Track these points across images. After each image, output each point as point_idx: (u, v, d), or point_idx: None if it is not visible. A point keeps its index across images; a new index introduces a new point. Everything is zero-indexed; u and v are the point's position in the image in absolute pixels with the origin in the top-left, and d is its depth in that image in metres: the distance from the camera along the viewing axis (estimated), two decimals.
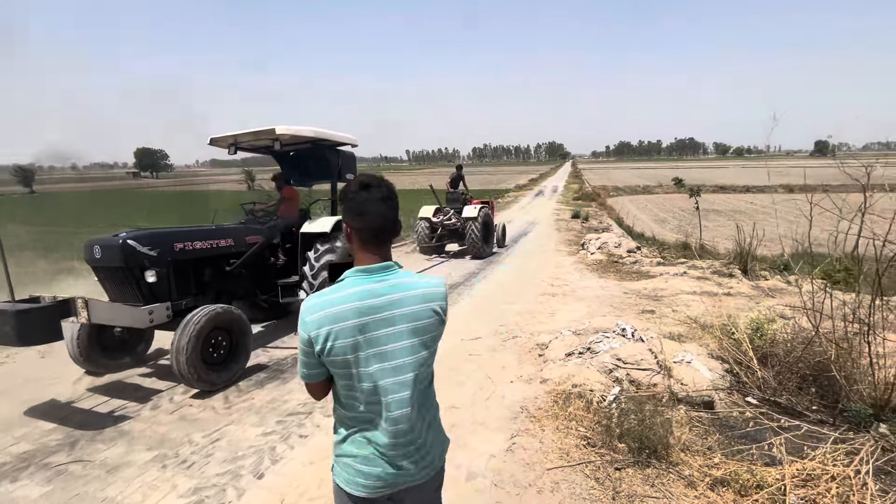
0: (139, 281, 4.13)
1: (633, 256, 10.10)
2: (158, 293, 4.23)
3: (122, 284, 4.21)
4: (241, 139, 5.65)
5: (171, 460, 2.86)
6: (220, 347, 4.11)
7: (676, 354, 3.55)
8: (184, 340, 3.73)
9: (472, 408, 3.43)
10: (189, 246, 4.56)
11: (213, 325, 3.98)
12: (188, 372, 3.71)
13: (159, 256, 4.23)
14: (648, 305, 6.12)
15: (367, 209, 1.19)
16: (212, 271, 4.94)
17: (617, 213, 27.62)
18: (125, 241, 4.05)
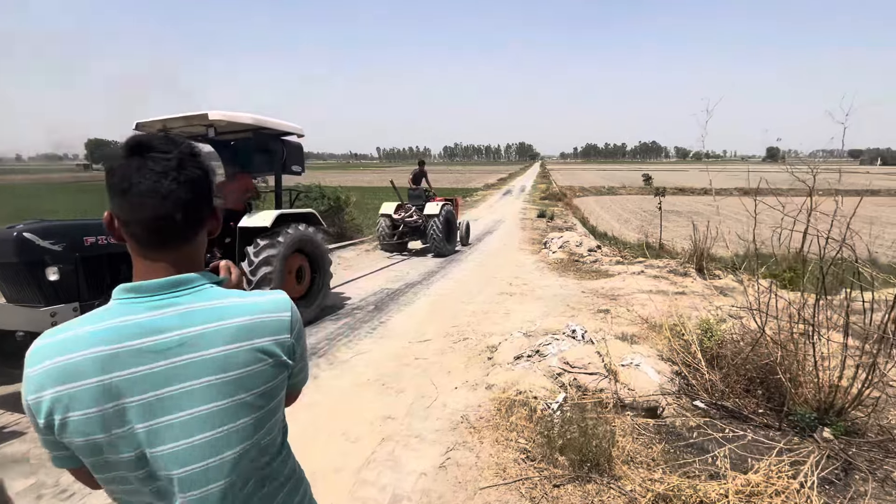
0: (39, 279, 3.66)
1: (593, 255, 10.10)
2: (64, 293, 3.76)
3: (20, 283, 3.73)
4: (170, 125, 5.17)
5: (48, 490, 2.45)
6: None
7: (625, 357, 3.40)
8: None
9: (408, 418, 3.16)
10: (102, 240, 4.10)
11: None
12: None
13: (65, 252, 3.77)
14: (605, 305, 6.02)
15: (136, 187, 0.74)
16: (130, 268, 4.46)
17: (582, 213, 28.06)
18: (21, 233, 3.57)
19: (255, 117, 5.31)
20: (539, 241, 12.47)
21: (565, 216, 22.30)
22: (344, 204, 12.83)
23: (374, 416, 3.19)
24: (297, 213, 5.86)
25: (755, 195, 3.00)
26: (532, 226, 16.90)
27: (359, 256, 10.75)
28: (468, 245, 12.20)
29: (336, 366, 4.16)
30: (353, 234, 13.34)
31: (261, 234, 5.16)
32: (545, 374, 3.34)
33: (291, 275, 5.47)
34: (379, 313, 5.90)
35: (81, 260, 3.92)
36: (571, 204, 30.71)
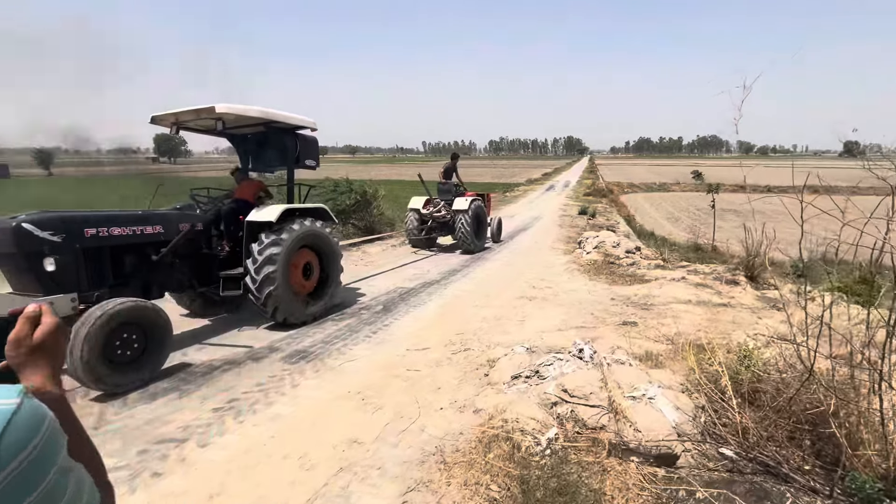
0: (38, 269, 3.65)
1: (630, 258, 9.31)
2: (63, 283, 3.76)
3: (20, 272, 3.76)
4: (182, 118, 5.11)
5: None
6: (130, 345, 3.62)
7: (638, 387, 2.85)
8: (78, 343, 3.27)
9: (376, 444, 2.80)
10: (104, 232, 4.07)
11: (117, 323, 3.52)
12: (83, 373, 3.28)
13: (64, 242, 3.76)
14: (633, 315, 5.38)
15: None
16: (135, 260, 4.44)
17: (628, 211, 26.58)
18: (20, 224, 3.58)
19: (262, 110, 5.14)
20: (575, 240, 11.74)
21: (608, 213, 21.13)
22: (372, 198, 12.65)
23: (341, 437, 2.86)
24: (306, 208, 5.66)
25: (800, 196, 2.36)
26: (571, 223, 16.06)
27: (384, 252, 10.54)
28: (499, 242, 11.69)
29: (321, 374, 3.87)
30: (384, 228, 13.18)
31: (265, 230, 4.99)
32: (539, 402, 2.87)
33: (298, 270, 5.28)
34: (385, 315, 5.59)
35: (81, 251, 3.88)
36: (617, 201, 29.22)
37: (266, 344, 4.62)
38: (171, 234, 4.56)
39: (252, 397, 3.44)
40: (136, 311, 3.67)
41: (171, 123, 5.27)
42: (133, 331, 3.67)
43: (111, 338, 3.49)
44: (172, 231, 4.57)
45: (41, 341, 0.72)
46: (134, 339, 3.67)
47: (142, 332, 3.73)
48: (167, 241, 4.52)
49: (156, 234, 4.47)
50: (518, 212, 19.85)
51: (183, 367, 4.02)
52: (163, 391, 3.55)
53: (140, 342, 3.72)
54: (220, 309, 5.72)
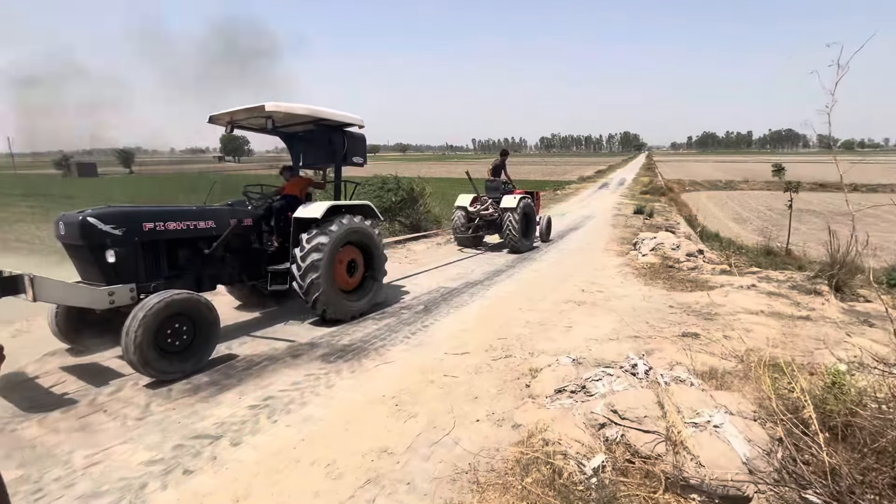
0: (100, 261, 3.88)
1: (692, 261, 8.61)
2: (123, 274, 3.96)
3: (86, 263, 4.02)
4: (236, 117, 5.27)
5: (25, 486, 2.39)
6: (180, 335, 3.75)
7: (702, 412, 2.50)
8: (134, 325, 3.43)
9: (407, 455, 2.65)
10: (160, 226, 4.25)
11: (171, 312, 3.66)
12: (136, 359, 3.44)
13: (124, 236, 3.96)
14: (694, 326, 4.90)
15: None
16: (189, 254, 4.61)
17: (689, 210, 24.97)
18: (85, 218, 3.82)
19: (310, 108, 5.17)
20: (630, 241, 11.08)
21: (667, 213, 19.91)
22: (419, 195, 12.62)
23: (371, 445, 2.73)
24: (352, 205, 5.65)
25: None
26: (625, 223, 15.24)
27: (429, 250, 10.46)
28: (548, 242, 11.27)
29: (357, 375, 3.79)
30: (430, 226, 13.13)
31: (311, 226, 5.03)
32: (585, 422, 2.59)
33: (342, 267, 5.29)
34: (425, 316, 5.46)
35: (140, 244, 4.07)
36: (678, 199, 27.53)
37: (307, 340, 4.64)
38: (223, 228, 4.69)
39: (288, 396, 3.41)
40: (189, 303, 3.79)
41: (227, 122, 5.44)
42: (184, 322, 3.79)
43: (164, 325, 3.62)
44: (224, 226, 4.71)
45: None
46: (184, 331, 3.79)
47: (192, 325, 3.85)
48: (218, 235, 4.65)
49: (208, 228, 4.61)
50: (569, 210, 19.16)
51: (226, 360, 4.10)
52: (205, 385, 3.61)
53: (189, 334, 3.83)
54: (271, 302, 5.84)
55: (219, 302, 5.93)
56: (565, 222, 15.20)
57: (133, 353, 3.42)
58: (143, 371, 3.52)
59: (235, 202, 5.54)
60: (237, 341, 4.59)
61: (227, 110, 5.18)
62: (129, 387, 3.56)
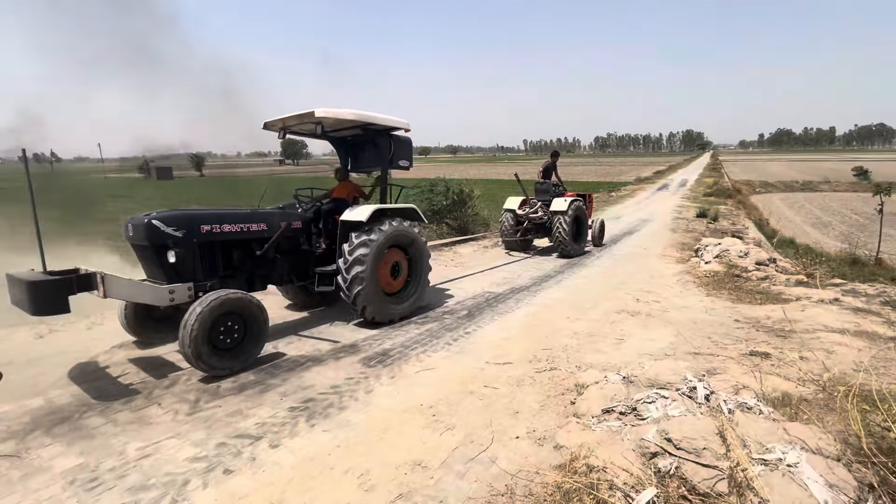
0: (163, 260, 4.12)
1: (762, 270, 7.88)
2: (182, 273, 4.20)
3: (151, 262, 4.28)
4: (288, 122, 5.44)
5: (83, 474, 2.54)
6: (232, 333, 3.90)
7: (773, 447, 2.21)
8: (191, 320, 3.63)
9: (441, 470, 2.55)
10: (217, 228, 4.47)
11: (225, 310, 3.83)
12: (190, 352, 3.63)
13: (184, 237, 4.19)
14: (765, 344, 4.43)
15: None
16: (242, 255, 4.81)
17: (760, 214, 23.05)
18: (150, 220, 4.08)
19: (357, 113, 5.24)
20: (691, 247, 10.36)
21: (734, 217, 18.50)
22: (467, 197, 12.54)
23: (405, 457, 2.67)
24: (397, 209, 5.68)
25: None
26: (686, 227, 14.31)
27: (475, 253, 10.35)
28: (601, 246, 10.80)
29: (396, 381, 3.75)
30: (478, 228, 13.01)
31: (357, 229, 5.09)
32: (634, 449, 2.37)
33: (386, 270, 5.32)
34: (468, 321, 5.35)
35: (197, 245, 4.28)
36: (747, 202, 25.53)
37: (350, 342, 4.68)
38: (274, 231, 4.86)
39: (327, 399, 3.43)
40: (242, 303, 3.94)
41: (280, 128, 5.63)
42: (236, 321, 3.94)
43: (218, 322, 3.78)
44: (275, 228, 4.88)
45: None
46: (236, 329, 3.94)
47: (243, 324, 3.99)
48: (270, 237, 4.82)
49: (260, 230, 4.79)
50: (624, 213, 18.31)
51: (272, 359, 4.21)
52: (250, 383, 3.72)
53: (240, 332, 3.97)
54: (319, 302, 5.99)
55: (270, 301, 6.17)
56: (620, 226, 14.53)
57: (188, 345, 3.60)
58: (195, 364, 3.68)
59: (286, 205, 5.72)
60: (284, 340, 4.71)
61: (279, 117, 5.36)
62: (182, 381, 3.74)
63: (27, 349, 4.45)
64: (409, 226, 5.53)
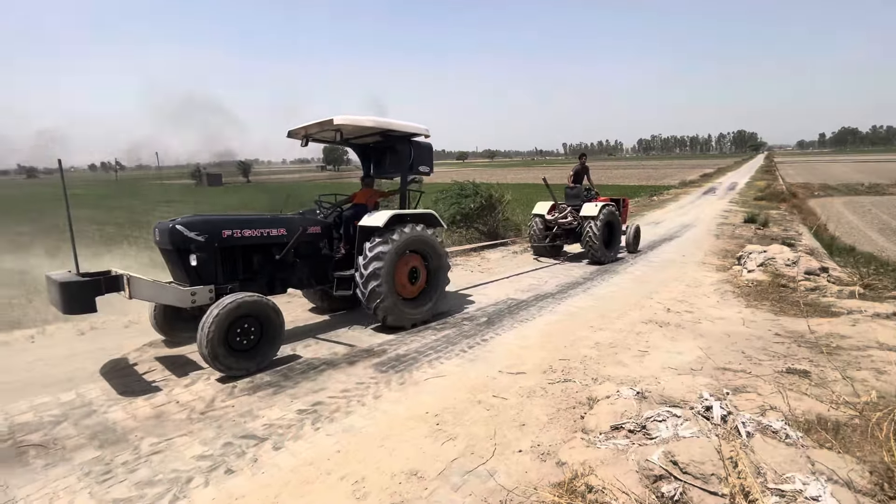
0: (186, 264, 4.30)
1: (812, 280, 7.30)
2: (204, 276, 4.36)
3: (175, 265, 4.47)
4: (310, 130, 5.57)
5: (98, 467, 2.68)
6: (248, 335, 4.02)
7: (793, 476, 2.00)
8: (208, 321, 3.76)
9: (437, 481, 2.49)
10: (237, 233, 4.61)
11: (241, 312, 3.95)
12: (207, 352, 3.76)
13: (206, 242, 4.35)
14: (805, 361, 4.09)
15: None
16: (262, 259, 4.93)
17: (818, 219, 21.43)
18: (174, 225, 4.26)
19: (376, 120, 5.30)
20: (734, 255, 9.77)
21: (787, 223, 17.30)
22: (497, 202, 12.41)
23: (402, 466, 2.64)
24: (416, 214, 5.69)
25: None
26: (732, 233, 13.54)
27: (503, 258, 10.22)
28: (636, 253, 10.39)
29: (405, 387, 3.73)
30: (509, 233, 12.85)
31: (374, 234, 5.14)
32: (638, 470, 2.22)
33: (404, 275, 5.33)
34: (487, 328, 5.26)
35: (219, 249, 4.45)
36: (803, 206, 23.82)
37: (366, 347, 4.71)
38: (293, 235, 4.97)
39: (335, 403, 3.46)
40: (257, 305, 4.05)
41: (302, 136, 5.78)
42: (252, 323, 4.05)
43: (234, 324, 3.90)
44: (294, 233, 4.99)
45: None
46: (252, 331, 4.05)
47: (259, 326, 4.10)
48: (289, 242, 4.94)
49: (280, 235, 4.91)
50: (665, 218, 17.56)
51: (288, 361, 4.31)
52: (264, 385, 3.82)
53: (256, 334, 4.09)
54: (340, 306, 6.08)
55: (294, 305, 6.34)
56: (659, 231, 13.93)
57: (205, 346, 3.73)
58: (212, 364, 3.82)
59: (307, 211, 5.85)
60: (302, 343, 4.81)
61: (301, 125, 5.49)
62: (202, 381, 3.89)
63: (69, 345, 4.78)
64: (427, 231, 5.52)
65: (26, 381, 3.88)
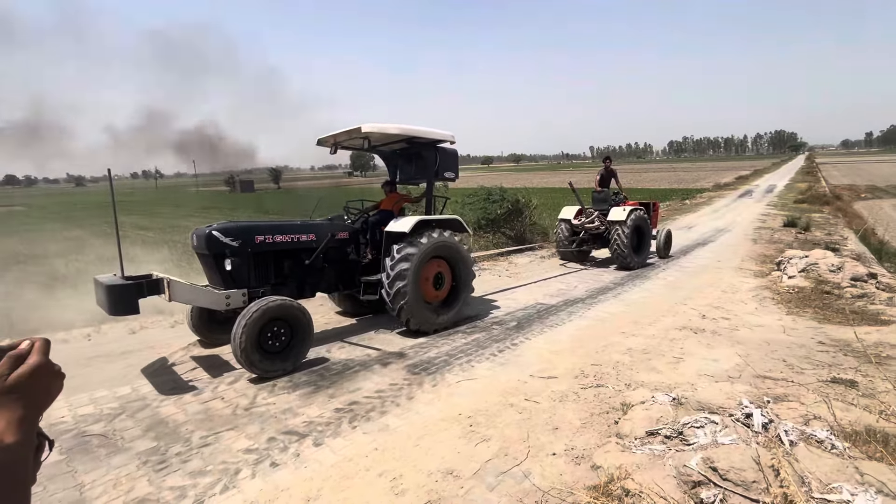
0: (221, 268, 4.49)
1: (859, 287, 6.98)
2: (238, 280, 4.53)
3: (211, 269, 4.66)
4: (339, 138, 5.69)
5: (155, 457, 2.86)
6: (279, 337, 4.16)
7: (839, 486, 1.96)
8: (239, 327, 3.89)
9: (472, 481, 2.55)
10: (269, 239, 4.77)
11: (270, 316, 4.06)
12: (240, 357, 3.90)
13: (240, 247, 4.52)
14: (852, 371, 3.94)
15: None
16: (292, 263, 5.06)
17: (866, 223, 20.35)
18: (211, 231, 4.46)
19: (402, 127, 5.39)
20: (773, 261, 9.43)
21: (831, 226, 16.52)
22: (524, 206, 12.39)
23: (438, 465, 2.70)
24: (441, 220, 5.75)
25: None
26: (771, 238, 13.06)
27: (531, 263, 10.18)
28: (668, 258, 10.16)
29: (438, 389, 3.81)
30: (536, 238, 12.80)
31: (400, 241, 5.21)
32: (676, 476, 2.22)
33: (429, 280, 5.39)
34: (517, 333, 5.28)
35: (252, 255, 4.62)
36: (848, 210, 22.68)
37: (397, 349, 4.81)
38: (322, 241, 5.11)
39: (370, 403, 3.56)
40: (284, 308, 4.16)
41: (331, 144, 5.94)
42: (282, 325, 4.18)
43: (264, 329, 4.03)
44: (323, 239, 5.13)
45: (15, 383, 0.63)
46: (282, 333, 4.18)
47: (289, 328, 4.23)
48: (318, 247, 5.08)
49: (309, 241, 5.04)
50: (698, 222, 17.08)
51: (324, 363, 4.45)
52: (303, 383, 3.96)
53: (287, 335, 4.22)
54: (365, 310, 6.21)
55: (328, 307, 6.52)
56: (692, 236, 13.57)
57: (241, 356, 3.89)
58: (250, 370, 3.98)
59: (334, 216, 6.00)
60: (336, 345, 4.95)
61: (331, 133, 5.66)
62: (244, 379, 4.07)
63: (122, 343, 5.08)
64: (453, 237, 5.57)
65: (85, 376, 4.16)
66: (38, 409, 0.65)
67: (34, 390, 0.64)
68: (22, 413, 0.61)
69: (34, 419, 0.64)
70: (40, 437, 0.65)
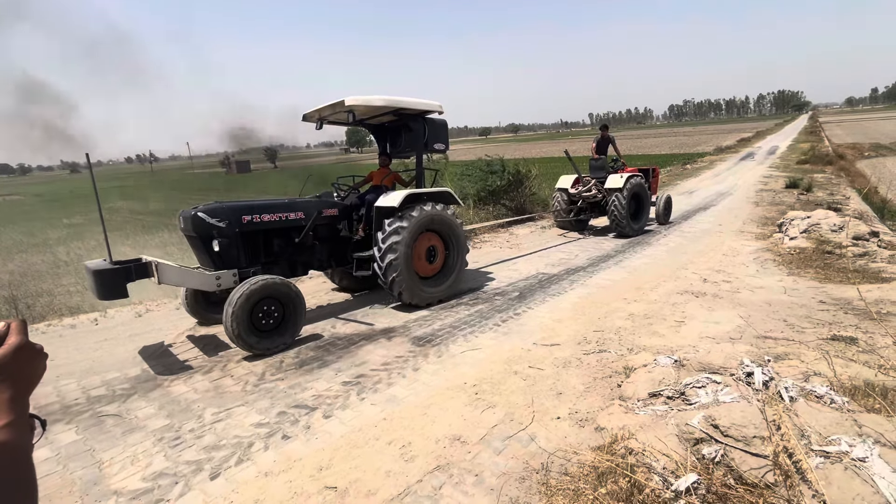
0: (209, 249, 4.46)
1: (860, 246, 6.97)
2: (227, 260, 4.50)
3: (200, 251, 4.63)
4: (323, 113, 5.55)
5: (169, 434, 2.94)
6: (271, 316, 4.18)
7: (837, 438, 2.01)
8: (228, 316, 3.90)
9: (479, 446, 2.62)
10: (257, 218, 4.70)
11: (258, 298, 4.05)
12: (233, 335, 3.92)
13: (227, 227, 4.46)
14: (852, 328, 3.98)
15: None
16: (282, 242, 5.02)
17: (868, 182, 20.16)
18: (196, 213, 4.40)
19: (387, 99, 5.23)
20: (775, 223, 9.40)
21: (833, 186, 16.38)
22: (524, 177, 12.28)
23: (446, 431, 2.77)
24: (432, 193, 5.67)
25: None
26: (772, 200, 12.98)
27: (532, 234, 10.17)
28: (668, 224, 10.13)
29: (443, 360, 3.86)
30: (535, 208, 12.74)
31: (390, 215, 5.17)
32: (677, 434, 2.27)
33: (421, 254, 5.37)
34: (519, 303, 5.32)
35: (240, 234, 4.56)
36: (851, 169, 22.41)
37: (401, 323, 4.86)
38: (311, 219, 5.06)
39: (377, 376, 3.63)
40: (268, 287, 4.13)
41: (316, 119, 5.80)
42: (271, 303, 4.18)
43: (254, 311, 4.03)
44: (312, 216, 5.07)
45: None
46: (273, 310, 4.19)
47: (279, 304, 4.24)
48: (306, 225, 5.03)
49: (298, 219, 4.98)
50: (699, 187, 16.94)
51: (329, 338, 4.50)
52: (310, 359, 4.02)
53: (279, 311, 4.23)
54: (361, 286, 6.21)
55: (329, 285, 6.55)
56: (693, 201, 13.50)
57: (237, 342, 3.94)
58: (251, 352, 4.03)
59: (324, 193, 5.92)
60: (340, 321, 5.00)
61: (315, 108, 5.51)
62: (251, 356, 4.13)
63: (129, 326, 5.14)
64: (444, 210, 5.52)
65: (95, 359, 4.23)
66: (26, 388, 0.64)
67: (18, 369, 0.63)
68: (11, 393, 0.61)
69: (24, 398, 0.63)
70: (32, 417, 0.65)
